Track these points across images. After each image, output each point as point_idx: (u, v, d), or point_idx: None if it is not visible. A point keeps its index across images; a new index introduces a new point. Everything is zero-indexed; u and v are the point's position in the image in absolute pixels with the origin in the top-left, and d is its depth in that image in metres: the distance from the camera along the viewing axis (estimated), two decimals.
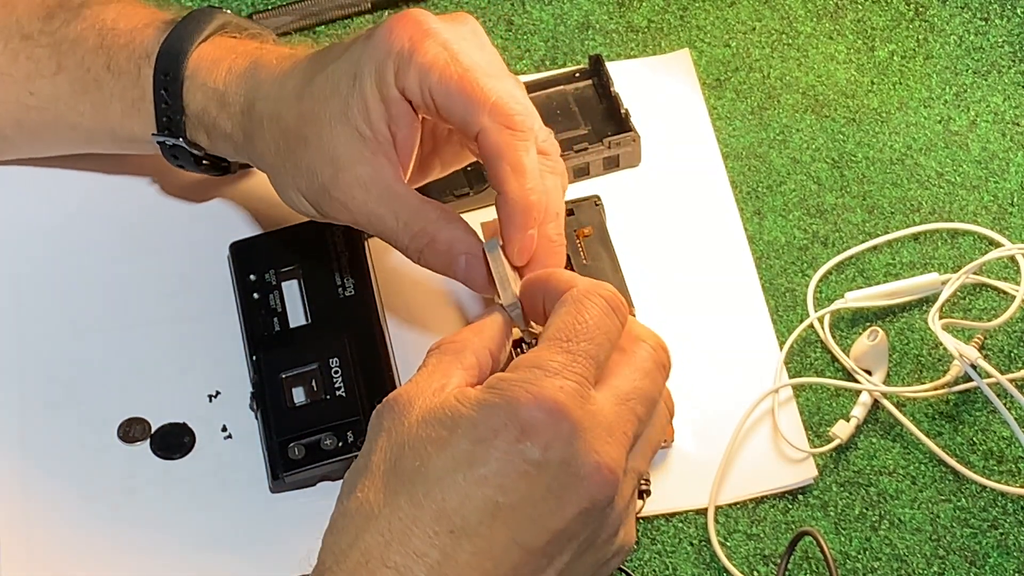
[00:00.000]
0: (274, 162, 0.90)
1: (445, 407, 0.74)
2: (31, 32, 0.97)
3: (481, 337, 0.80)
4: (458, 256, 0.85)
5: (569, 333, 0.76)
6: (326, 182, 0.87)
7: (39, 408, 0.97)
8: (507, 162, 0.83)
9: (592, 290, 0.78)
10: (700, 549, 0.92)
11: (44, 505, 0.93)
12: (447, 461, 0.73)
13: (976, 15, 1.10)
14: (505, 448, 0.73)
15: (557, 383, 0.74)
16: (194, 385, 0.98)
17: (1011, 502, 0.93)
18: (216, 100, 0.92)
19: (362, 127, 0.86)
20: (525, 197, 0.83)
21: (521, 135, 0.84)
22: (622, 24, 1.11)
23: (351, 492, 0.75)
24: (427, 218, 0.86)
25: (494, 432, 0.73)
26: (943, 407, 0.96)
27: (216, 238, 1.02)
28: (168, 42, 0.94)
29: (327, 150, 0.86)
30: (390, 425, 0.75)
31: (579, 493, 0.74)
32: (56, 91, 0.97)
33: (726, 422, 0.95)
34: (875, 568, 0.91)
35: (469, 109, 0.83)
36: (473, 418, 0.74)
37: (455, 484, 0.73)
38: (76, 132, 0.98)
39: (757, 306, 1.00)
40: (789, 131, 1.06)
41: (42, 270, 1.02)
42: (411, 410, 0.75)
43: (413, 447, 0.74)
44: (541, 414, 0.73)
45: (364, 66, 0.85)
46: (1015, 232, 1.02)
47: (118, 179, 1.05)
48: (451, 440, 0.73)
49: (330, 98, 0.87)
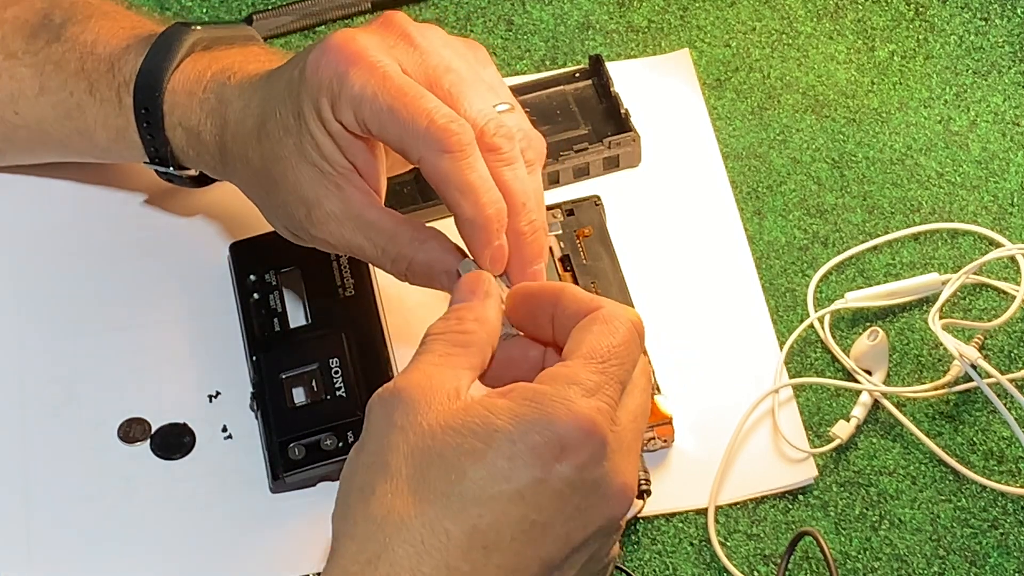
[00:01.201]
0: (255, 198, 0.90)
1: (475, 416, 0.73)
2: (15, 51, 0.96)
3: (486, 330, 0.78)
4: (439, 275, 0.85)
5: (605, 354, 0.75)
6: (302, 220, 0.86)
7: (39, 408, 0.97)
8: (454, 187, 0.81)
9: (623, 314, 0.77)
10: (700, 549, 0.92)
11: (44, 505, 0.93)
12: (483, 477, 0.72)
13: (976, 15, 1.10)
14: (543, 466, 0.72)
15: (594, 403, 0.73)
16: (194, 385, 0.97)
17: (1011, 502, 0.93)
18: (194, 139, 0.91)
19: (321, 163, 0.85)
20: (480, 215, 0.81)
21: (460, 155, 0.81)
22: (622, 24, 1.11)
23: (371, 494, 0.73)
24: (401, 241, 0.85)
25: (532, 449, 0.72)
26: (943, 407, 0.96)
27: (216, 238, 1.02)
28: (142, 75, 0.92)
29: (295, 190, 0.86)
30: (404, 423, 0.74)
31: (603, 512, 0.74)
32: (40, 112, 0.96)
33: (726, 422, 0.95)
34: (875, 568, 0.91)
35: (405, 140, 0.81)
36: (510, 433, 0.72)
37: (492, 501, 0.72)
38: (66, 150, 0.98)
39: (757, 306, 1.00)
40: (789, 131, 1.06)
41: (42, 270, 1.02)
42: (428, 410, 0.73)
43: (444, 457, 0.73)
44: (580, 434, 0.72)
45: (303, 104, 0.84)
46: (1015, 232, 1.02)
47: (118, 179, 1.05)
48: (487, 455, 0.72)
49: (284, 138, 0.85)
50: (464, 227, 0.82)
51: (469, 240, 0.82)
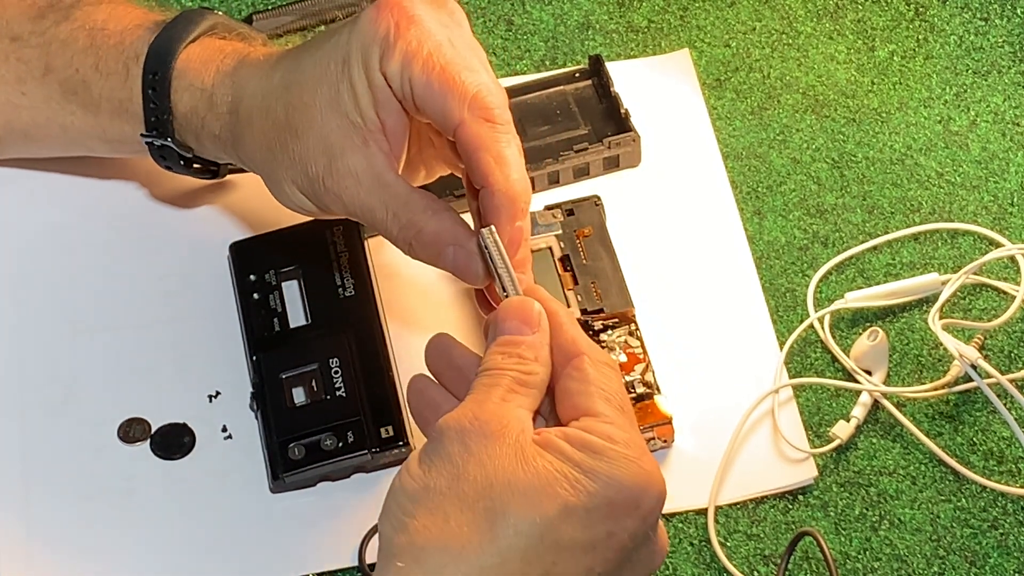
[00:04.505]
0: (265, 158, 0.89)
1: (552, 463, 0.74)
2: (21, 33, 0.97)
3: (545, 372, 0.79)
4: (445, 247, 0.85)
5: (625, 404, 0.78)
6: (320, 172, 0.86)
7: (39, 408, 0.97)
8: (490, 154, 0.82)
9: (609, 360, 0.80)
10: (700, 549, 0.92)
11: (44, 505, 0.93)
12: (564, 524, 0.73)
13: (976, 15, 1.10)
14: (616, 520, 0.74)
15: (654, 460, 0.76)
16: (194, 385, 0.98)
17: (1011, 502, 0.93)
18: (204, 101, 0.92)
19: (353, 114, 0.85)
20: (512, 187, 0.82)
21: (501, 127, 0.83)
22: (622, 24, 1.11)
23: (443, 520, 0.73)
24: (415, 208, 0.85)
25: (609, 504, 0.74)
26: (943, 407, 0.96)
27: (216, 238, 1.02)
28: (157, 43, 0.93)
29: (319, 140, 0.86)
30: (484, 456, 0.74)
31: (650, 563, 0.77)
32: (47, 92, 0.97)
33: (726, 422, 0.95)
34: (875, 568, 0.91)
35: (448, 101, 0.83)
36: (590, 487, 0.74)
37: (567, 551, 0.73)
38: (66, 133, 0.98)
39: (757, 306, 1.00)
40: (789, 131, 1.06)
41: (42, 270, 1.02)
42: (504, 446, 0.74)
43: (526, 495, 0.73)
44: (653, 491, 0.75)
45: (352, 50, 0.85)
46: (1015, 232, 1.02)
47: (118, 179, 1.05)
48: (569, 504, 0.73)
49: (319, 85, 0.86)
50: (494, 198, 0.82)
51: (494, 213, 0.83)
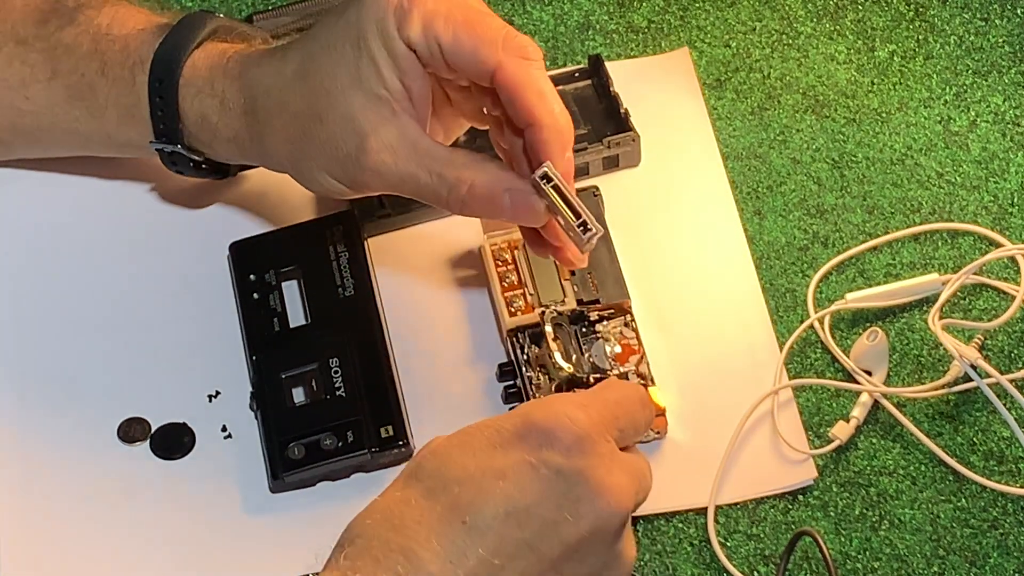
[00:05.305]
0: (290, 152, 0.89)
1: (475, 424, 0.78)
2: (26, 37, 0.97)
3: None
4: (501, 194, 0.85)
5: (603, 388, 0.82)
6: (353, 152, 0.86)
7: (39, 408, 0.97)
8: (532, 91, 0.83)
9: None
10: (700, 549, 0.92)
11: (44, 505, 0.94)
12: (468, 459, 0.75)
13: (976, 15, 1.10)
14: (529, 450, 0.75)
15: (577, 399, 0.78)
16: (194, 385, 0.98)
17: (1011, 502, 0.93)
18: (215, 107, 0.92)
19: (378, 88, 0.85)
20: (557, 120, 0.83)
21: (538, 64, 0.84)
22: (622, 24, 1.11)
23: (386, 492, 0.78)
24: (458, 165, 0.85)
25: (516, 433, 0.75)
26: (943, 407, 0.96)
27: (216, 238, 1.02)
28: (162, 49, 0.93)
29: (346, 121, 0.86)
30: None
31: (593, 507, 0.76)
32: (51, 96, 0.97)
33: (726, 423, 0.95)
34: (875, 568, 0.91)
35: (481, 48, 0.83)
36: (496, 422, 0.76)
37: (471, 479, 0.74)
38: (72, 137, 0.98)
39: (757, 306, 1.00)
40: (789, 131, 1.06)
41: (42, 270, 1.02)
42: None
43: (435, 453, 0.77)
44: (565, 422, 0.76)
45: (365, 27, 0.85)
46: (1015, 232, 1.02)
47: (118, 179, 1.05)
48: (472, 441, 0.75)
49: (336, 68, 0.86)
50: (543, 132, 0.83)
51: (545, 148, 0.83)
